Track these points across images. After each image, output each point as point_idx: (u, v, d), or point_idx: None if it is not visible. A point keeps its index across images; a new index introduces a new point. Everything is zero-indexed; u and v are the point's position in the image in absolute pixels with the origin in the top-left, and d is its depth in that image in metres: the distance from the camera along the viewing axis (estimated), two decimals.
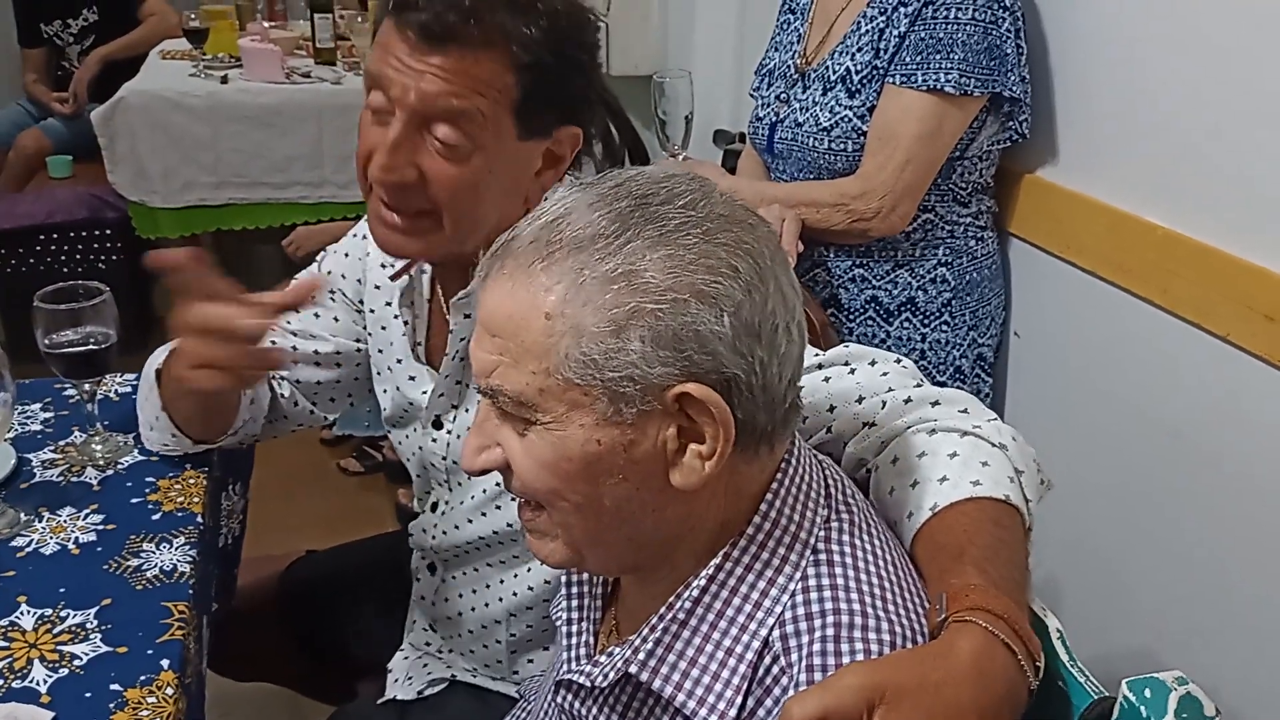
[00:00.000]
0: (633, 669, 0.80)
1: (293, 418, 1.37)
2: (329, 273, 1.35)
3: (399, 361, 1.29)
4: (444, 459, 1.25)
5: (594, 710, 0.86)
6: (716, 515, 0.79)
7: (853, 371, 1.00)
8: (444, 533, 1.28)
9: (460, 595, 1.31)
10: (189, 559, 1.17)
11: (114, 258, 3.53)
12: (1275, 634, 1.33)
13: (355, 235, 1.35)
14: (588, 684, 0.84)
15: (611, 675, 0.81)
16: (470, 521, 1.24)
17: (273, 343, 1.16)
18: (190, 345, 1.07)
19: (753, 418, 0.75)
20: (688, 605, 0.79)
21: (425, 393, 1.25)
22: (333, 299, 1.35)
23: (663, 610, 0.80)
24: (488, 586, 1.28)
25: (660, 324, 0.71)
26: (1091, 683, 0.82)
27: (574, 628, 0.93)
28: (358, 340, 1.35)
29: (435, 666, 1.35)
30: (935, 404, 0.96)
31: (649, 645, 0.80)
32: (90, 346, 1.27)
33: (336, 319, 1.35)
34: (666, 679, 0.79)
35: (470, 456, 0.80)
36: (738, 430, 0.74)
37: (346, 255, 1.34)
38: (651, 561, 0.82)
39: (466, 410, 1.22)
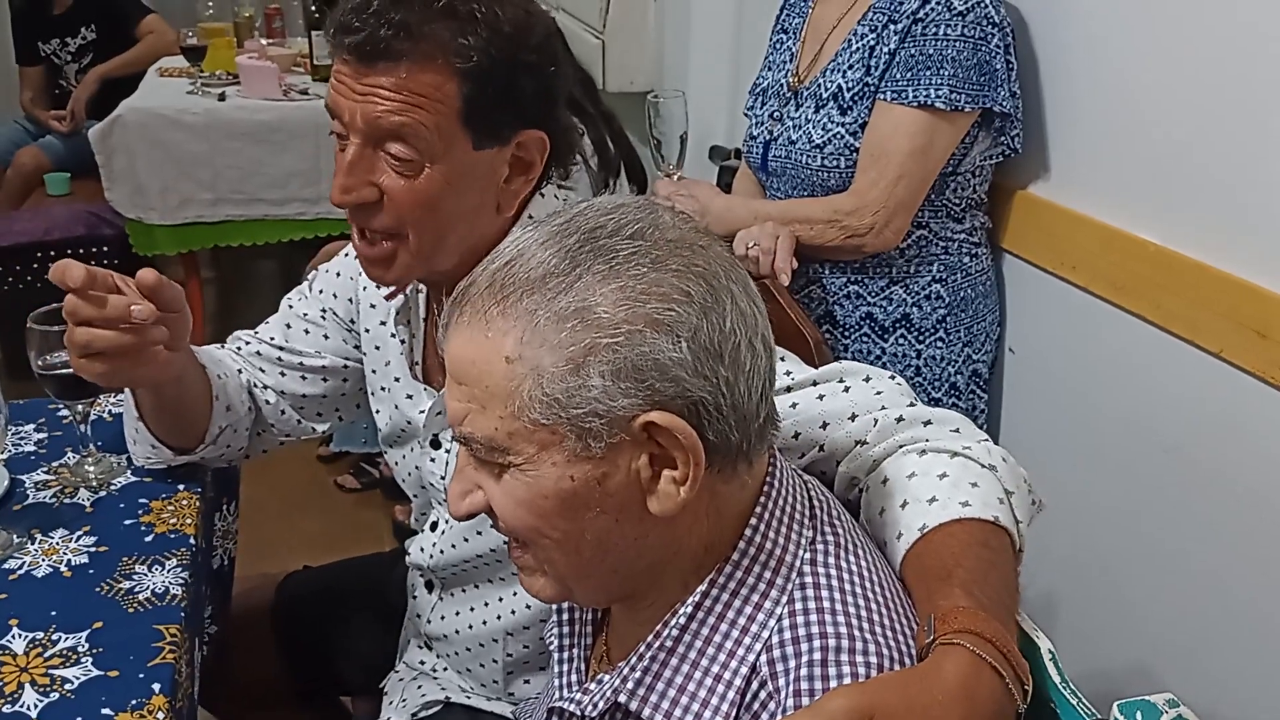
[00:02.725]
0: (622, 698, 0.80)
1: (280, 427, 1.37)
2: (320, 292, 1.35)
3: (396, 380, 1.29)
4: (443, 478, 1.25)
5: None
6: (701, 537, 0.79)
7: (847, 389, 1.00)
8: (442, 551, 1.28)
9: (457, 613, 1.31)
10: (181, 581, 1.17)
11: None
12: (1271, 650, 1.33)
13: (347, 255, 1.34)
14: (578, 712, 0.83)
15: (601, 705, 0.81)
16: (466, 540, 1.24)
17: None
18: (71, 333, 1.12)
19: (725, 438, 0.75)
20: (675, 633, 0.79)
21: (423, 411, 1.25)
22: (323, 318, 1.35)
23: (650, 638, 0.80)
24: (486, 604, 1.28)
25: (618, 357, 0.71)
26: (1084, 705, 0.82)
27: (565, 654, 0.93)
28: (347, 359, 1.35)
29: (430, 688, 1.34)
30: (927, 423, 0.96)
31: (637, 674, 0.80)
32: None
33: (326, 336, 1.35)
34: (656, 707, 0.79)
35: (455, 502, 0.81)
36: (710, 451, 0.74)
37: (338, 275, 1.35)
38: (639, 589, 0.82)
39: None
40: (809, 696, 0.74)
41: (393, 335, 1.27)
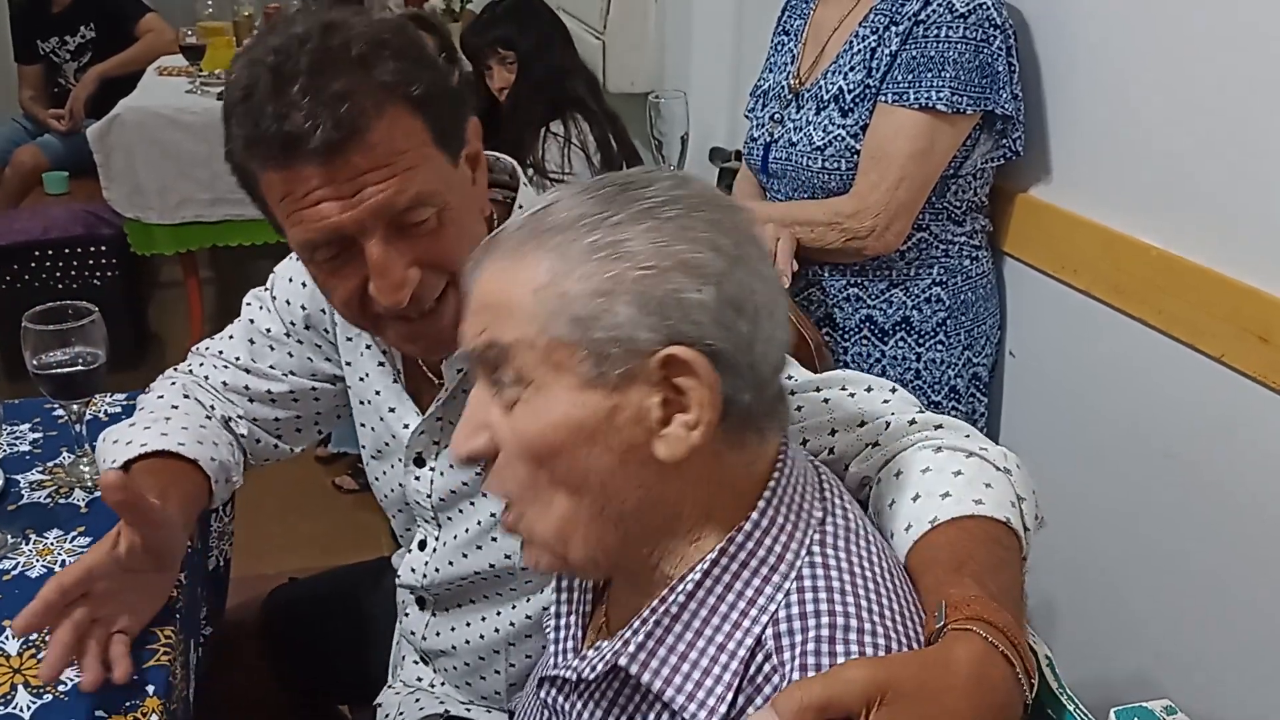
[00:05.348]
0: (622, 661, 0.79)
1: (258, 453, 1.31)
2: (287, 303, 1.27)
3: (378, 393, 1.24)
4: (429, 495, 1.21)
5: (578, 705, 0.85)
6: (701, 505, 0.79)
7: (852, 395, 1.00)
8: (437, 569, 1.24)
9: (453, 629, 1.27)
10: (176, 582, 1.16)
11: (109, 274, 3.53)
12: (1271, 656, 1.32)
13: None
14: (573, 677, 0.83)
15: (600, 667, 0.80)
16: (465, 556, 1.21)
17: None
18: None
19: (738, 395, 0.75)
20: (681, 599, 0.79)
21: (407, 426, 1.20)
22: (288, 335, 1.27)
23: (655, 604, 0.79)
24: (483, 619, 1.25)
25: (645, 289, 0.73)
26: (1081, 711, 0.81)
27: (562, 621, 0.92)
28: (314, 376, 1.29)
29: (428, 703, 1.31)
30: (939, 428, 0.96)
31: (639, 638, 0.79)
32: (78, 367, 1.26)
33: (291, 354, 1.28)
34: (656, 673, 0.78)
35: (462, 442, 0.81)
36: (724, 404, 0.74)
37: (305, 285, 1.25)
38: (636, 555, 0.80)
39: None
40: (815, 670, 0.73)
41: (369, 347, 1.22)
